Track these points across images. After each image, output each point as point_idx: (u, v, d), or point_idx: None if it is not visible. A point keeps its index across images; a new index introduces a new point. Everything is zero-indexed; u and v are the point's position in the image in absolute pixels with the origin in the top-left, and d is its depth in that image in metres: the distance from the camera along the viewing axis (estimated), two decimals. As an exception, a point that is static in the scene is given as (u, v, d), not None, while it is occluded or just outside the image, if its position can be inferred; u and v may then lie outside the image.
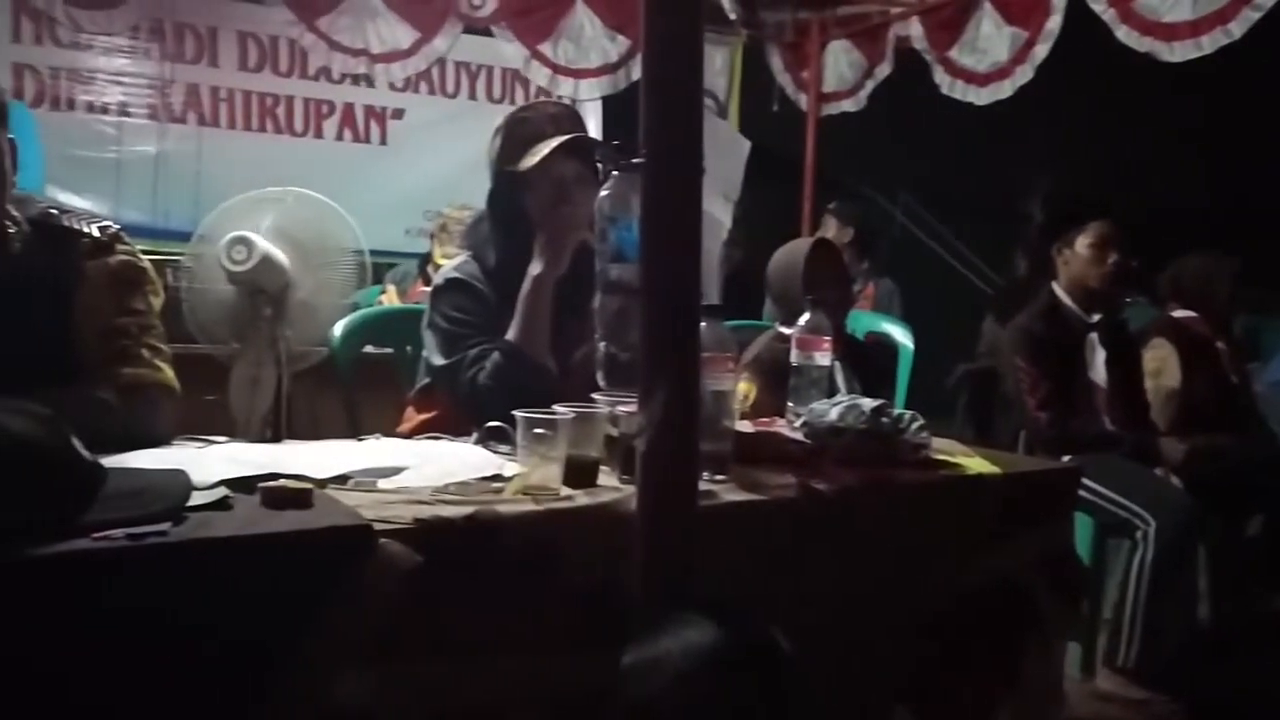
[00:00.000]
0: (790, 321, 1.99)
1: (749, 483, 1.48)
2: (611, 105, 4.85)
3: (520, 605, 1.21)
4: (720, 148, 4.60)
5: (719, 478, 1.48)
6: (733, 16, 4.70)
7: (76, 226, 1.57)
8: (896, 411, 1.72)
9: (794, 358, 1.91)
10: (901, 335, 3.37)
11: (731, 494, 1.44)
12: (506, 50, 4.97)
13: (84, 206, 2.59)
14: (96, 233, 1.58)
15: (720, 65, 5.36)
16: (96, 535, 1.04)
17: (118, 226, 1.63)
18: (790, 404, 1.88)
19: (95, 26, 4.27)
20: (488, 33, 4.95)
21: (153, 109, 4.59)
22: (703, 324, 1.41)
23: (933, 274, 6.54)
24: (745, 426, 1.79)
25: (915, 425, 1.70)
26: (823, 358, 1.91)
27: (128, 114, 4.54)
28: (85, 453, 1.10)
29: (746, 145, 4.88)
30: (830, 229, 4.90)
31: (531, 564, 1.22)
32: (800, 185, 4.90)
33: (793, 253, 2.61)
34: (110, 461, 1.15)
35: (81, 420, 1.13)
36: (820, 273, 2.51)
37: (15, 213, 1.50)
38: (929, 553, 1.59)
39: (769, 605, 1.11)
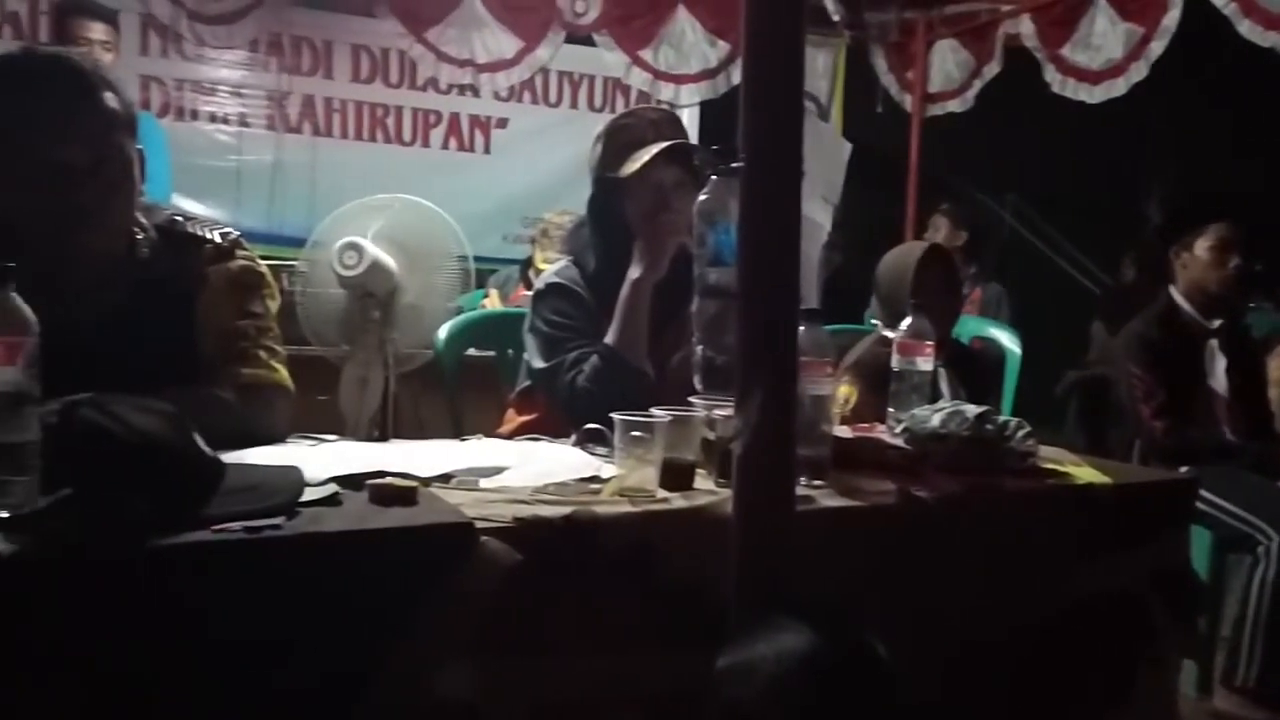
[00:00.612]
0: (895, 325, 1.97)
1: (847, 488, 1.47)
2: (708, 110, 4.86)
3: (615, 605, 1.22)
4: (821, 150, 4.55)
5: (816, 483, 1.47)
6: (836, 18, 4.65)
7: (200, 233, 1.64)
8: (1002, 418, 1.68)
9: (896, 362, 1.88)
10: (1009, 340, 3.28)
11: (829, 499, 1.43)
12: (607, 58, 5.02)
13: (206, 214, 2.72)
14: (218, 239, 1.65)
15: (823, 67, 5.31)
16: (216, 528, 1.08)
17: (237, 233, 1.70)
18: (891, 410, 1.86)
19: (217, 40, 4.46)
20: (589, 42, 5.01)
21: (270, 119, 4.77)
22: (801, 328, 1.40)
23: (1041, 277, 6.36)
24: (844, 432, 1.77)
25: (1021, 433, 1.66)
26: (925, 363, 1.88)
27: (247, 124, 4.74)
28: (206, 449, 1.15)
29: (848, 148, 4.81)
30: (941, 232, 4.81)
31: (627, 565, 1.23)
32: (904, 187, 4.83)
33: (904, 256, 2.57)
34: (228, 458, 1.19)
35: (202, 418, 1.18)
36: (931, 278, 2.47)
37: (143, 220, 1.57)
38: (1035, 564, 1.55)
39: (865, 613, 1.10)
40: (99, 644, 0.99)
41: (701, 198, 1.47)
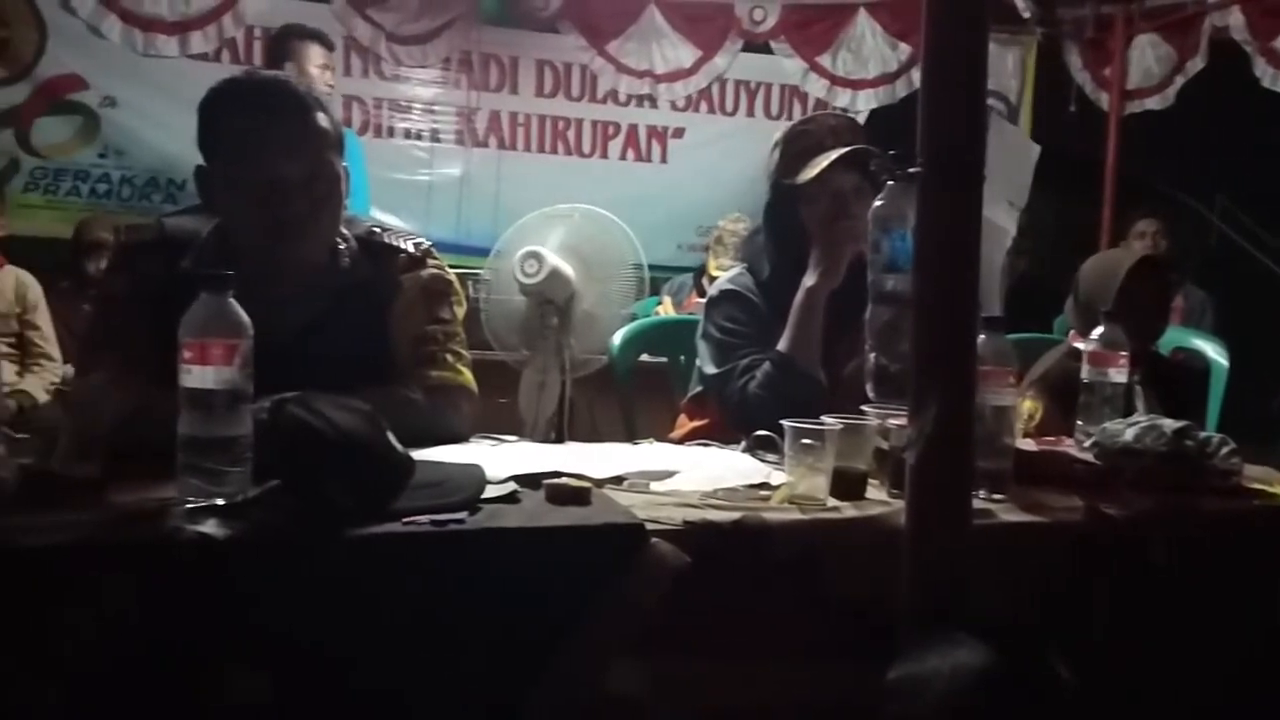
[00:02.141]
0: (1089, 334, 1.88)
1: (1029, 503, 1.42)
2: (875, 116, 4.76)
3: (782, 612, 1.22)
4: (1007, 153, 4.37)
5: (996, 496, 1.42)
6: (1026, 15, 4.48)
7: (395, 243, 1.74)
8: (1203, 434, 1.58)
9: (1086, 374, 1.79)
10: (1214, 351, 3.06)
11: (1009, 514, 1.38)
12: (785, 66, 5.00)
13: (400, 225, 2.87)
14: (411, 249, 1.75)
15: (1012, 66, 5.12)
16: (405, 520, 1.15)
17: (429, 243, 1.80)
18: (1080, 423, 1.78)
19: (412, 60, 4.72)
20: (766, 50, 5.01)
21: (460, 134, 5.00)
22: (981, 336, 1.37)
23: (1253, 284, 5.89)
24: (1028, 445, 1.71)
25: (1225, 450, 1.55)
26: (1118, 374, 1.78)
27: (438, 140, 4.98)
28: (398, 446, 1.22)
29: (1036, 150, 4.61)
30: (1142, 238, 4.54)
31: (795, 572, 1.23)
32: (1098, 190, 4.58)
33: (1112, 263, 2.43)
34: (417, 455, 1.26)
35: (395, 417, 1.25)
36: (1140, 291, 2.32)
37: (345, 231, 1.68)
38: (1235, 590, 1.44)
39: (1045, 633, 1.06)
40: (296, 623, 1.07)
41: (877, 203, 1.45)
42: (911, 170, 1.20)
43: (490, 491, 1.27)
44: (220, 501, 1.13)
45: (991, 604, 1.11)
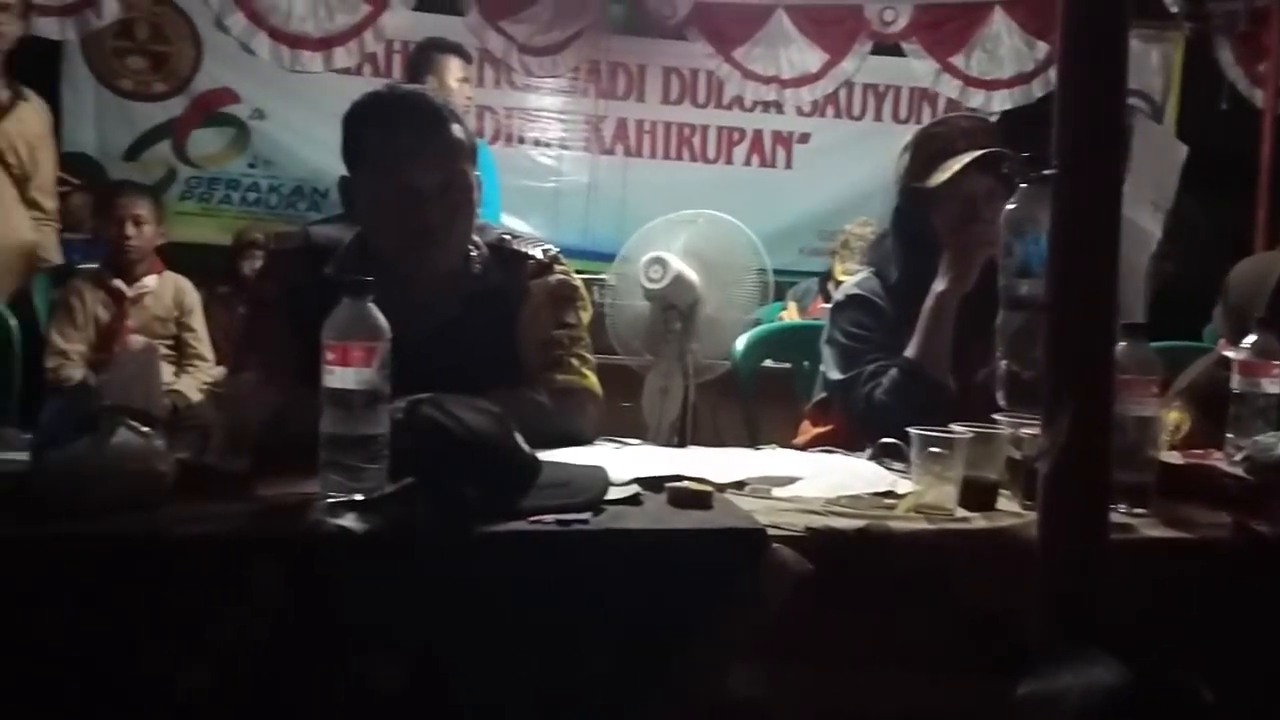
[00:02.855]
0: (1240, 342, 1.78)
1: (1173, 518, 1.36)
2: (1009, 118, 4.61)
3: (906, 622, 1.20)
4: (1151, 153, 4.17)
5: (1137, 510, 1.36)
6: (1174, 9, 4.27)
7: (523, 250, 1.78)
8: (1369, 450, 1.48)
9: (1237, 384, 1.71)
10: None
11: (1151, 529, 1.33)
12: (915, 68, 4.91)
13: (529, 231, 2.94)
14: (539, 255, 1.79)
15: (1156, 63, 4.90)
16: (532, 519, 1.18)
17: (556, 249, 1.84)
18: (1230, 436, 1.69)
19: (543, 71, 4.83)
20: (897, 52, 4.93)
21: (587, 142, 5.07)
22: (1122, 344, 1.32)
23: None
24: (1173, 458, 1.63)
25: (1389, 467, 1.45)
26: (1271, 384, 1.69)
27: (566, 148, 5.06)
28: (526, 447, 1.25)
29: (1183, 150, 4.39)
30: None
31: (920, 582, 1.21)
32: (1251, 191, 4.33)
33: (1265, 266, 2.30)
34: (543, 456, 1.29)
35: (522, 418, 1.28)
36: None
37: (477, 239, 1.74)
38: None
39: (1186, 654, 1.01)
40: (427, 615, 1.11)
41: (1009, 206, 1.41)
42: (1046, 172, 1.16)
43: (613, 493, 1.29)
44: (359, 497, 1.18)
45: (1129, 621, 1.07)
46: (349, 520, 1.13)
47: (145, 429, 1.18)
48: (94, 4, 4.20)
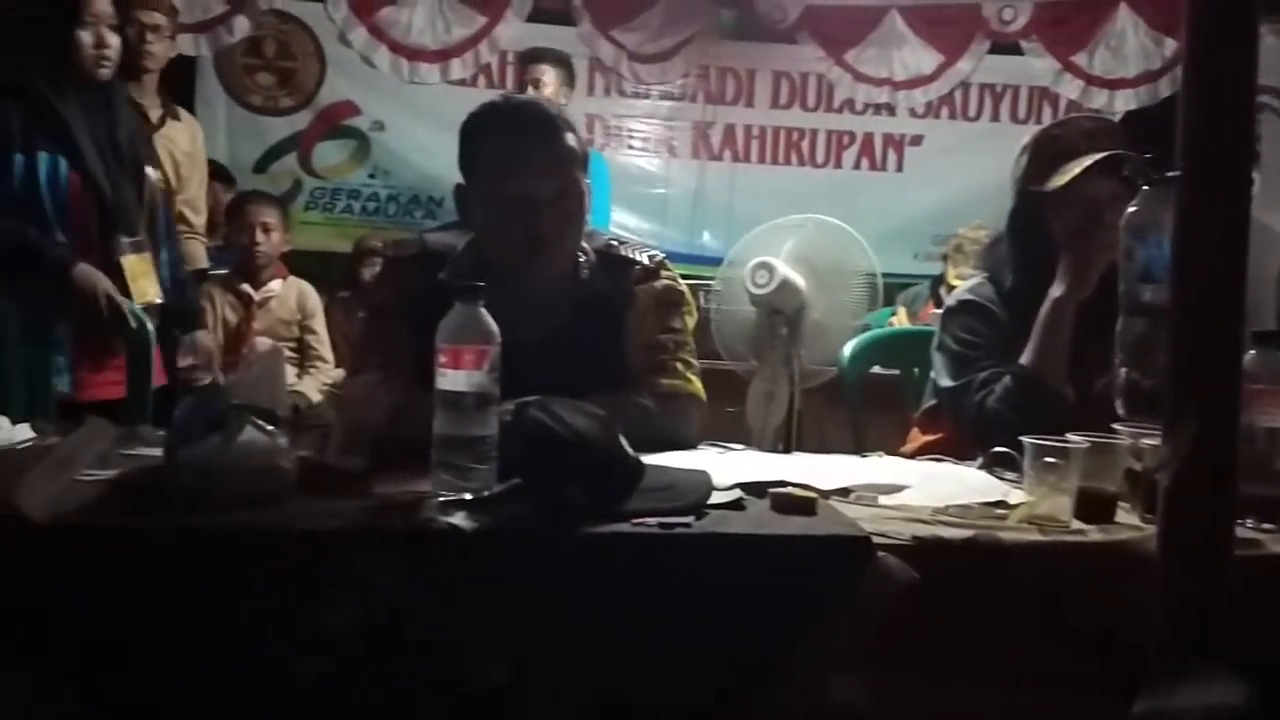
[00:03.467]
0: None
1: (1308, 535, 1.29)
2: (1131, 119, 4.43)
3: (1016, 636, 1.17)
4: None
5: (1266, 526, 1.30)
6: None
7: (630, 255, 1.81)
8: None
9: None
10: None
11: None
12: (1035, 67, 4.78)
13: (636, 238, 2.97)
14: (646, 261, 1.81)
15: (1292, 57, 4.64)
16: (635, 521, 1.19)
17: (662, 255, 1.85)
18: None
19: (652, 78, 4.87)
20: (1015, 51, 4.80)
21: (695, 148, 5.08)
22: (1250, 352, 1.27)
23: None
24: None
25: None
26: None
27: (674, 154, 5.08)
28: (630, 450, 1.27)
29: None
30: None
31: (1032, 595, 1.18)
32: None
33: None
34: (647, 459, 1.29)
35: (626, 421, 1.30)
36: None
37: (585, 245, 1.77)
38: None
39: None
40: (532, 613, 1.13)
41: (1130, 209, 1.37)
42: (1170, 174, 1.12)
43: (716, 498, 1.30)
44: (468, 496, 1.21)
45: (1252, 640, 1.02)
46: (458, 518, 1.17)
47: (270, 428, 1.24)
48: (226, 21, 4.42)
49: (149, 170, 2.52)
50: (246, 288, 3.54)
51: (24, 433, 1.50)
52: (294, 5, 4.65)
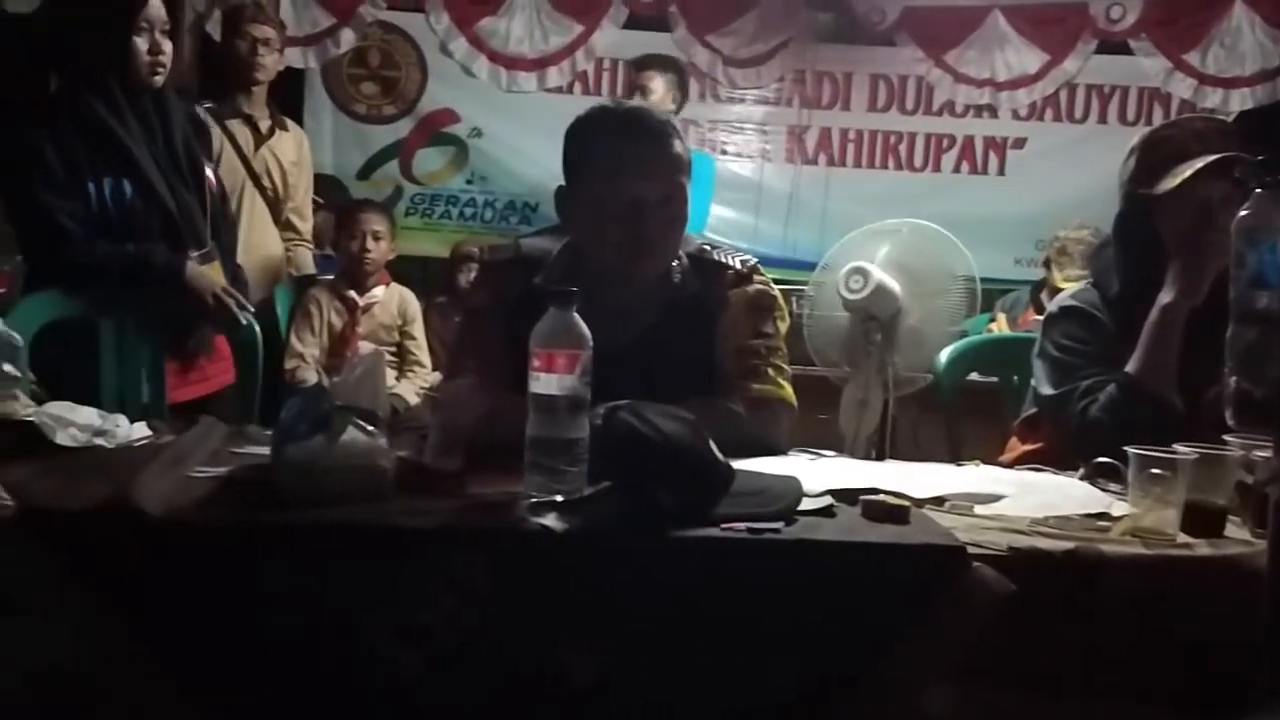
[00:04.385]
0: None
1: None
2: (1244, 119, 4.23)
3: (1117, 652, 1.14)
4: None
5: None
6: None
7: (723, 260, 1.81)
8: None
9: None
10: None
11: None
12: (1145, 66, 4.62)
13: (729, 242, 2.96)
14: (738, 265, 1.81)
15: None
16: (724, 526, 1.20)
17: (755, 260, 1.85)
18: None
19: (747, 82, 4.85)
20: (1123, 50, 4.65)
21: (789, 152, 5.05)
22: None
23: None
24: None
25: None
26: None
27: (768, 158, 5.05)
28: (719, 454, 1.27)
29: None
30: None
31: (1134, 610, 1.14)
32: None
33: None
34: (736, 464, 1.30)
35: (716, 426, 1.30)
36: None
37: (679, 250, 1.77)
38: None
39: None
40: (620, 614, 1.14)
41: (1242, 213, 1.31)
42: (1285, 176, 1.08)
43: (807, 504, 1.29)
44: (559, 498, 1.23)
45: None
46: (550, 519, 1.19)
47: (371, 428, 1.28)
48: (333, 34, 4.56)
49: (208, 173, 2.50)
50: (352, 293, 3.65)
51: (140, 430, 1.57)
52: (397, 16, 4.77)
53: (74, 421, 1.49)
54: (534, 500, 1.24)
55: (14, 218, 2.36)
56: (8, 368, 1.53)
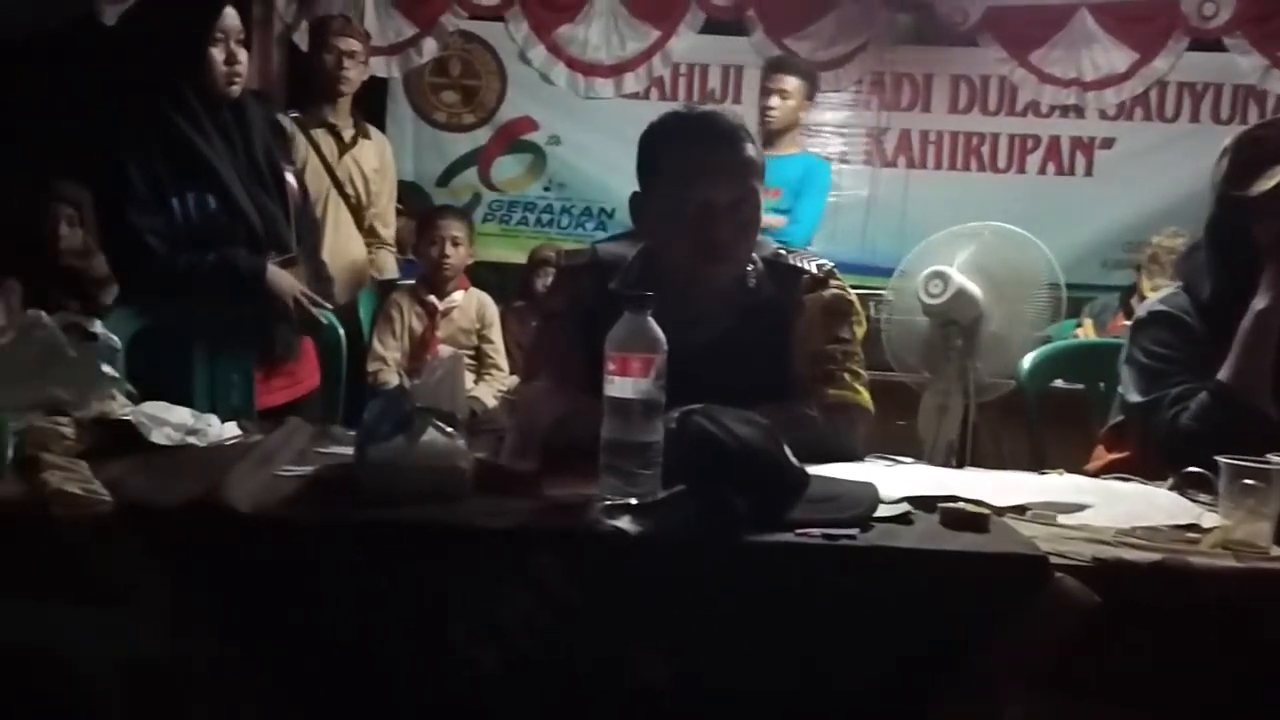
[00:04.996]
0: None
1: None
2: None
3: (1205, 668, 1.10)
4: None
5: None
6: None
7: (799, 264, 1.80)
8: None
9: None
10: None
11: None
12: (1240, 64, 4.48)
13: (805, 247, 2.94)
14: (814, 269, 1.79)
15: None
16: (798, 531, 1.19)
17: (831, 264, 1.83)
18: None
19: (826, 85, 4.80)
20: (1218, 47, 4.50)
21: (868, 155, 4.99)
22: None
23: None
24: None
25: None
26: None
27: (846, 161, 5.00)
28: (794, 460, 1.26)
29: None
30: None
31: (1224, 625, 1.10)
32: None
33: None
34: (812, 469, 1.29)
35: (791, 431, 1.30)
36: None
37: (754, 254, 1.77)
38: None
39: None
40: (691, 618, 1.14)
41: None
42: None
43: (883, 510, 1.28)
44: (634, 501, 1.24)
45: None
46: (624, 522, 1.20)
47: (449, 430, 1.30)
48: (415, 44, 4.65)
49: (289, 177, 2.54)
50: (432, 298, 3.71)
51: (231, 430, 1.63)
52: (478, 26, 4.85)
53: (168, 421, 1.54)
54: (608, 503, 1.25)
55: (105, 237, 2.45)
56: (106, 369, 1.59)
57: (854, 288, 1.86)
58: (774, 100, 3.92)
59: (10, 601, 1.17)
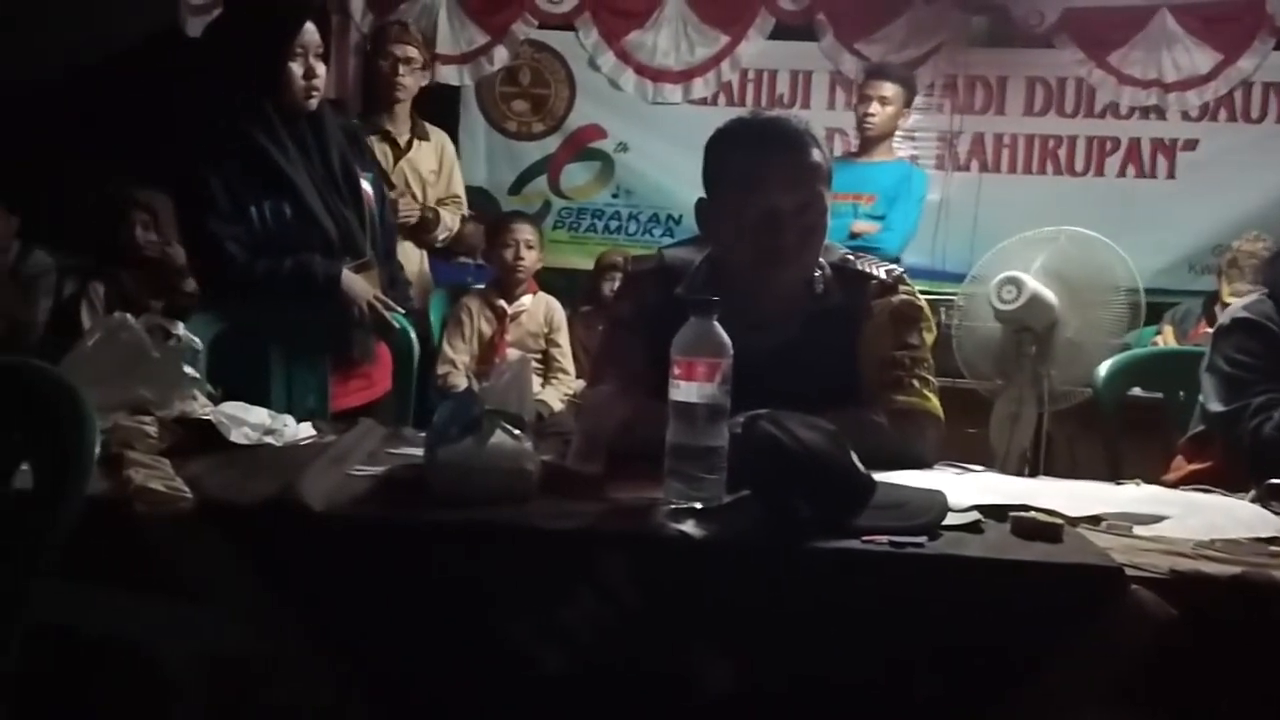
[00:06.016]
0: None
1: None
2: None
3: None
4: None
5: None
6: None
7: (867, 270, 1.78)
8: None
9: None
10: None
11: None
12: (1329, 63, 4.31)
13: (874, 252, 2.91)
14: (883, 275, 1.78)
15: None
16: (865, 538, 1.18)
17: (901, 269, 1.81)
18: None
19: (902, 89, 4.75)
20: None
21: (940, 159, 4.92)
22: None
23: None
24: None
25: None
26: None
27: (917, 165, 4.94)
28: (860, 466, 1.25)
29: None
30: None
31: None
32: None
33: None
34: (879, 476, 1.28)
35: (858, 438, 1.29)
36: None
37: (821, 259, 1.76)
38: None
39: None
40: (754, 623, 1.14)
41: None
42: None
43: (952, 519, 1.26)
44: (699, 505, 1.25)
45: None
46: (689, 526, 1.20)
47: (517, 432, 1.32)
48: (487, 52, 4.71)
49: (365, 185, 2.56)
50: (501, 302, 3.76)
51: (306, 430, 1.67)
52: (548, 35, 4.90)
53: (246, 421, 1.59)
54: (673, 506, 1.25)
55: (187, 246, 2.53)
56: (188, 370, 1.64)
57: (924, 294, 1.83)
58: (873, 107, 3.90)
59: (94, 595, 1.22)
